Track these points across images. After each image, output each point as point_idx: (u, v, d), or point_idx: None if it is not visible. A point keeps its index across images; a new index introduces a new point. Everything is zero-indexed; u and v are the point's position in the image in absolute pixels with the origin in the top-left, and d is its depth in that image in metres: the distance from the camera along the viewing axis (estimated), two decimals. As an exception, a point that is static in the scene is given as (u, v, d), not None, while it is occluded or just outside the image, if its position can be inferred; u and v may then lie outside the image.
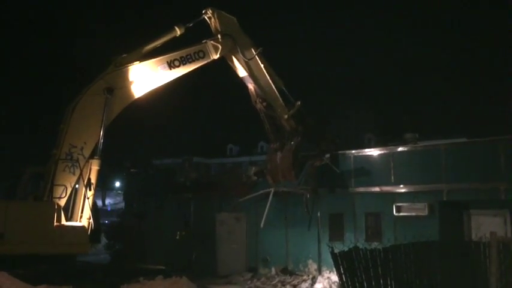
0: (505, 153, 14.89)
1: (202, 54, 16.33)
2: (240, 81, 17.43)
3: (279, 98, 17.15)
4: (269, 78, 16.99)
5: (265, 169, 18.60)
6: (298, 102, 17.14)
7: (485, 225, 14.96)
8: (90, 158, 15.29)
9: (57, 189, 14.72)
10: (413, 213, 16.20)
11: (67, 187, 14.84)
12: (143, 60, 15.85)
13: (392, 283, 10.76)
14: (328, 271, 17.02)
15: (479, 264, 10.24)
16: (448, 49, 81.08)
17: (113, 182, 59.84)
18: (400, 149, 17.63)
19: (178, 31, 16.25)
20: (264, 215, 16.64)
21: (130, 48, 15.98)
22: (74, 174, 14.97)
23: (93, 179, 15.28)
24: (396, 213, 16.51)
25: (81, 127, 15.21)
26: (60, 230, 14.32)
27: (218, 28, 16.58)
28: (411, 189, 16.52)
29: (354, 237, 16.80)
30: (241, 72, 17.13)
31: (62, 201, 14.73)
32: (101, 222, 17.48)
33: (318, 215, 18.25)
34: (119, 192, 54.76)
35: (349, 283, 11.00)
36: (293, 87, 17.77)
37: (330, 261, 12.91)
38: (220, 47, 16.40)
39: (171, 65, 15.98)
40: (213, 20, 16.60)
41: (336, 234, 17.72)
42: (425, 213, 15.93)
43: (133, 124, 41.42)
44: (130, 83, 15.69)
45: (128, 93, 15.77)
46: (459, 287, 10.33)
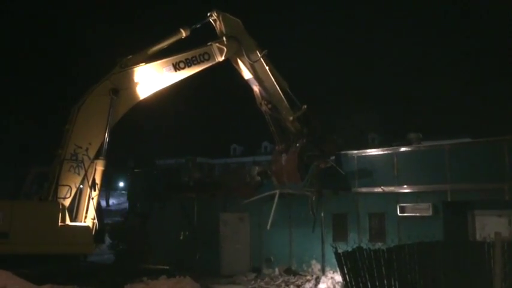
0: (509, 153, 14.86)
1: (208, 56, 16.38)
2: (244, 83, 17.47)
3: (284, 100, 17.18)
4: (274, 80, 17.02)
5: (269, 170, 18.61)
6: (304, 106, 17.20)
7: (489, 226, 14.95)
8: (95, 159, 15.34)
9: (62, 189, 14.76)
10: (417, 214, 16.20)
11: (72, 187, 14.88)
12: (149, 61, 15.91)
13: (396, 283, 10.75)
14: (331, 271, 17.04)
15: (483, 264, 10.23)
16: (452, 49, 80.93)
17: (116, 182, 60.03)
18: (403, 149, 17.62)
19: (184, 33, 16.30)
20: (270, 217, 16.62)
21: (136, 49, 16.05)
22: (78, 174, 15.01)
23: (98, 180, 15.33)
24: (400, 213, 16.51)
25: (87, 128, 15.25)
26: (64, 230, 14.37)
27: (223, 30, 16.63)
28: (415, 190, 16.52)
29: (358, 238, 16.77)
30: (246, 74, 17.17)
31: (67, 202, 14.78)
32: (104, 222, 17.54)
33: (322, 215, 18.25)
34: (123, 192, 54.94)
35: (352, 283, 11.00)
36: (297, 88, 17.80)
37: (333, 261, 12.94)
38: (225, 49, 16.46)
39: (177, 66, 16.03)
40: (218, 23, 16.65)
41: (340, 235, 17.73)
42: (430, 213, 15.93)
43: (137, 124, 41.51)
44: (136, 84, 15.74)
45: (133, 94, 15.81)
46: (463, 287, 10.32)
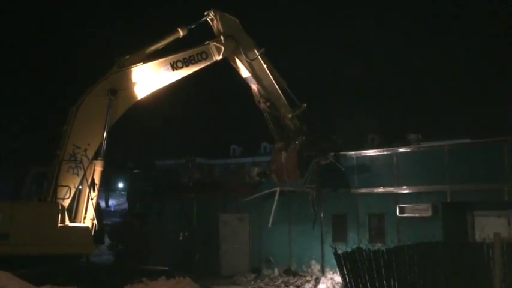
0: (508, 154, 14.83)
1: (205, 55, 16.39)
2: (243, 81, 17.47)
3: (283, 97, 17.18)
4: (272, 78, 17.02)
5: (268, 170, 18.61)
6: (304, 105, 17.23)
7: (489, 226, 14.94)
8: (94, 159, 15.33)
9: (61, 190, 14.75)
10: (417, 214, 16.17)
11: (71, 188, 14.88)
12: (146, 61, 15.90)
13: (396, 284, 10.76)
14: (331, 272, 17.01)
15: (482, 265, 10.22)
16: (451, 49, 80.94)
17: (116, 183, 59.93)
18: (403, 149, 17.61)
19: (181, 33, 16.29)
20: (272, 214, 16.65)
21: (134, 49, 16.04)
22: (77, 175, 15.00)
23: (97, 180, 15.32)
24: (399, 214, 16.50)
25: (85, 128, 15.23)
26: (64, 231, 14.38)
27: (220, 29, 16.62)
28: (414, 190, 16.51)
29: (357, 238, 16.77)
30: (244, 72, 17.17)
31: (66, 202, 14.77)
32: (104, 223, 17.52)
33: (321, 215, 18.25)
34: (122, 193, 54.85)
35: (352, 284, 11.01)
36: (296, 88, 17.80)
37: (333, 262, 12.93)
38: (223, 48, 16.45)
39: (174, 66, 16.02)
40: (215, 22, 16.64)
41: (339, 235, 17.72)
42: (429, 214, 15.90)
43: (136, 125, 41.48)
44: (134, 84, 15.73)
45: (131, 94, 15.81)
46: (463, 288, 10.33)
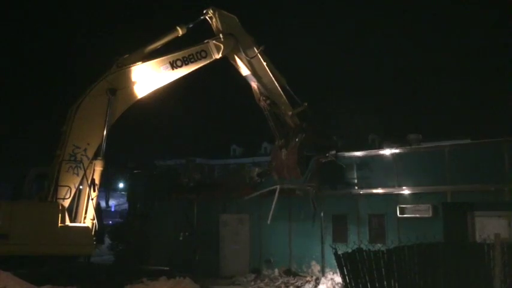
0: (509, 155, 14.83)
1: (205, 54, 16.37)
2: (243, 80, 17.44)
3: (283, 95, 17.17)
4: (272, 76, 16.99)
5: (268, 170, 18.60)
6: (305, 104, 17.24)
7: (489, 227, 14.90)
8: (94, 159, 15.31)
9: (61, 190, 14.74)
10: (417, 215, 16.14)
11: (71, 188, 14.87)
12: (146, 60, 15.88)
13: (396, 285, 10.74)
14: (331, 272, 16.99)
15: (483, 265, 10.20)
16: (452, 50, 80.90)
17: (116, 183, 59.98)
18: (403, 150, 17.58)
19: (180, 31, 16.26)
20: (271, 211, 16.63)
21: (133, 48, 16.02)
22: (77, 175, 14.99)
23: (97, 180, 15.31)
24: (400, 214, 16.47)
25: (85, 128, 15.22)
26: (64, 231, 14.35)
27: (220, 28, 16.60)
28: (415, 191, 16.48)
29: (358, 239, 16.73)
30: (244, 70, 17.15)
31: (66, 202, 14.76)
32: (104, 223, 17.50)
33: (322, 216, 18.23)
34: (123, 193, 54.89)
35: (352, 284, 10.98)
36: (296, 87, 17.78)
37: (333, 262, 12.91)
38: (222, 46, 16.43)
39: (174, 65, 16.00)
40: (214, 20, 16.62)
41: (340, 236, 17.68)
42: (429, 214, 15.88)
43: (136, 125, 41.53)
44: (133, 83, 15.70)
45: (131, 93, 15.79)
46: (463, 288, 10.30)
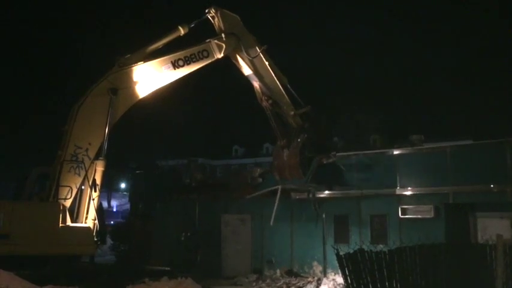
0: (511, 155, 14.79)
1: (206, 53, 16.34)
2: (245, 79, 17.42)
3: (285, 95, 17.15)
4: (274, 76, 16.98)
5: (270, 170, 18.59)
6: (308, 106, 17.24)
7: (491, 228, 14.85)
8: (95, 159, 15.31)
9: (63, 190, 14.75)
10: (419, 216, 16.10)
11: (72, 188, 14.87)
12: (147, 60, 15.86)
13: (398, 285, 10.70)
14: (333, 273, 16.96)
15: (485, 266, 10.17)
16: (454, 50, 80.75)
17: (118, 184, 59.97)
18: (405, 150, 17.55)
19: (182, 31, 16.23)
20: (273, 212, 16.60)
21: (134, 48, 16.01)
22: (79, 175, 14.99)
23: (98, 180, 15.29)
24: (402, 215, 16.43)
25: (86, 128, 15.22)
26: (65, 231, 14.35)
27: (222, 27, 16.57)
28: (417, 191, 16.45)
29: (359, 239, 16.69)
30: (246, 70, 17.12)
31: (68, 202, 14.76)
32: (106, 223, 17.52)
33: (323, 216, 18.20)
34: (125, 193, 54.88)
35: (354, 285, 10.95)
36: (298, 87, 17.75)
37: (335, 263, 12.87)
38: (224, 46, 16.40)
39: (175, 64, 15.98)
40: (216, 19, 16.59)
41: (341, 236, 17.65)
42: (431, 215, 15.84)
43: (138, 125, 41.49)
44: (135, 83, 15.70)
45: (132, 93, 15.78)
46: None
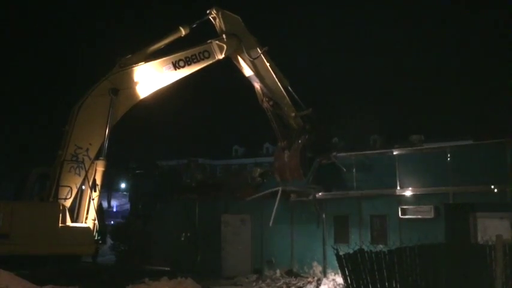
0: (511, 156, 14.79)
1: (207, 54, 16.37)
2: (246, 80, 17.44)
3: (286, 96, 17.18)
4: (275, 77, 16.99)
5: (270, 171, 18.60)
6: (310, 109, 17.27)
7: (491, 228, 14.84)
8: (96, 159, 15.33)
9: (63, 190, 14.77)
10: (419, 216, 16.10)
11: (72, 188, 14.89)
12: (148, 60, 15.90)
13: (398, 286, 10.70)
14: (333, 273, 16.96)
15: (484, 267, 10.17)
16: (454, 50, 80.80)
17: (118, 184, 59.98)
18: (405, 151, 17.55)
19: (183, 31, 16.27)
20: (273, 213, 16.62)
21: (135, 48, 16.06)
22: (79, 175, 15.01)
23: (99, 180, 15.32)
24: (402, 215, 16.43)
25: (87, 128, 15.25)
26: (65, 231, 14.37)
27: (223, 28, 16.61)
28: (417, 192, 16.45)
29: (359, 240, 16.69)
30: (247, 71, 17.15)
31: (68, 202, 14.78)
32: (106, 223, 17.51)
33: (323, 216, 18.21)
34: (125, 193, 54.87)
35: (354, 285, 10.95)
36: (299, 88, 17.79)
37: (335, 263, 12.86)
38: (225, 46, 16.44)
39: (176, 65, 16.02)
40: (217, 20, 16.64)
41: (341, 236, 17.66)
42: (431, 215, 15.83)
43: (138, 125, 41.55)
44: (136, 83, 15.72)
45: (133, 93, 15.81)
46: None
